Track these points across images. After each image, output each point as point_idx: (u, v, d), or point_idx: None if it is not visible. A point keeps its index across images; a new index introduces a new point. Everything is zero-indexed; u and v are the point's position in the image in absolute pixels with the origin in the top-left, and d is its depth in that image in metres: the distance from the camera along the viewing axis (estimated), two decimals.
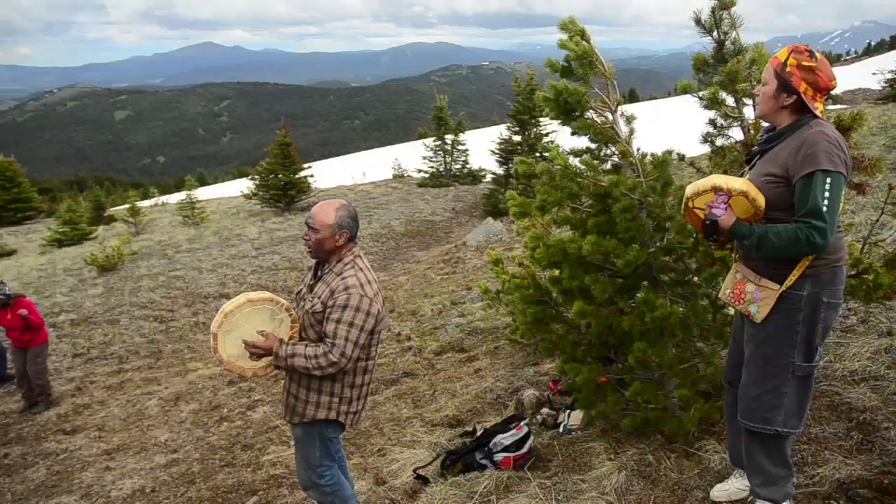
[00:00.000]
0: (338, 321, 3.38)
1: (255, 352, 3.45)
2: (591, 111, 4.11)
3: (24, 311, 9.10)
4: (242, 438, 7.09)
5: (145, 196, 45.65)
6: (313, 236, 3.54)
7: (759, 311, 2.92)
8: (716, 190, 2.89)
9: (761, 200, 2.82)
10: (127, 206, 27.97)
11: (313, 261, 3.73)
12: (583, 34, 4.08)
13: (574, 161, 4.17)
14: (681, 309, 4.03)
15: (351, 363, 3.43)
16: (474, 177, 28.93)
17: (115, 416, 8.87)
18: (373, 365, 3.70)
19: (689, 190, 3.01)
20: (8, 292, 9.24)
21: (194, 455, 6.97)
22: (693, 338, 4.37)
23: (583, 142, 4.30)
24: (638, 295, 4.24)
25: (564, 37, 4.07)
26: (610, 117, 4.10)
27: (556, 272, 4.44)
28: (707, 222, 2.92)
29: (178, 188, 53.36)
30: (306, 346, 3.44)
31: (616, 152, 4.18)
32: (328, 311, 3.43)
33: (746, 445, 3.14)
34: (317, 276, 3.66)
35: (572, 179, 4.03)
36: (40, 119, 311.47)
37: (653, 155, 4.13)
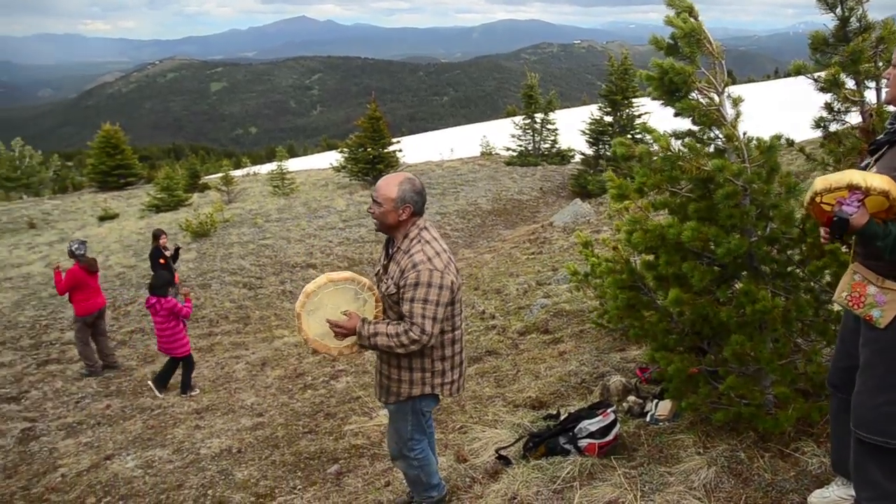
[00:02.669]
0: (412, 300, 3.35)
1: (339, 331, 3.47)
2: (695, 92, 3.94)
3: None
4: (325, 407, 7.22)
5: (237, 166, 47.12)
6: (376, 209, 3.52)
7: (882, 316, 2.67)
8: (851, 188, 2.55)
9: None
10: (220, 174, 28.87)
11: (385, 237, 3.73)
12: (691, 10, 3.90)
13: (675, 144, 4.01)
14: (782, 302, 3.85)
15: (434, 339, 3.41)
16: (563, 157, 28.53)
17: (204, 378, 9.20)
18: (460, 334, 3.66)
19: (819, 184, 2.65)
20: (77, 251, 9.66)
21: (279, 420, 7.15)
22: (793, 333, 4.17)
23: (682, 124, 4.13)
24: (737, 285, 4.07)
25: (671, 13, 3.90)
26: (716, 98, 3.91)
27: (651, 257, 4.31)
28: (835, 219, 2.58)
29: (268, 159, 54.88)
30: (388, 324, 3.43)
31: (720, 136, 3.99)
32: (401, 291, 3.41)
33: (857, 456, 2.89)
34: (389, 255, 3.64)
35: (673, 163, 3.88)
36: (143, 89, 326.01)
37: (758, 139, 3.93)
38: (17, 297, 14.01)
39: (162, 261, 10.92)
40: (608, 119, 23.84)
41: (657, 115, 4.17)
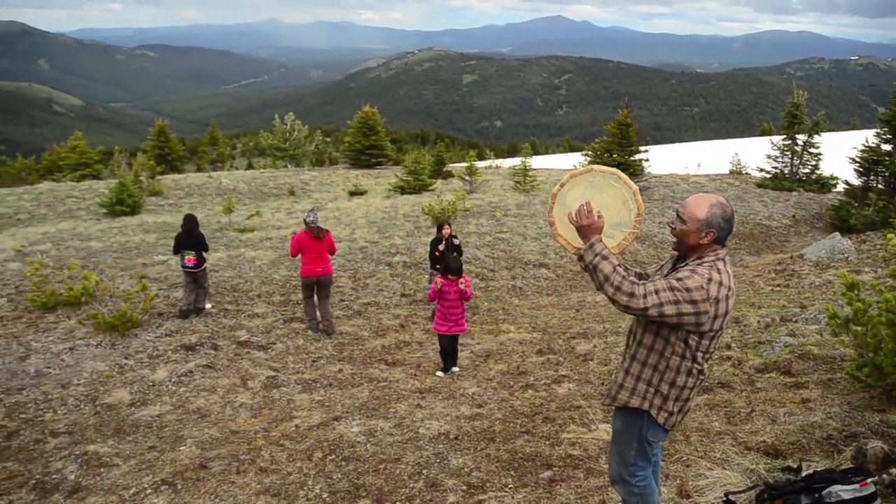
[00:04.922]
0: (667, 279, 3.27)
1: (579, 220, 3.42)
2: None
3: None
4: (545, 410, 7.17)
5: (480, 157, 48.36)
6: (678, 226, 3.38)
7: None
8: None
9: None
10: (465, 164, 29.75)
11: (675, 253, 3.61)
12: None
13: None
14: None
15: (637, 306, 3.17)
16: (823, 184, 26.13)
17: (429, 359, 9.54)
18: (697, 371, 3.43)
19: None
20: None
21: (497, 414, 7.22)
22: None
23: None
24: None
25: None
26: None
27: None
28: None
29: (510, 153, 55.86)
30: (621, 263, 3.35)
31: None
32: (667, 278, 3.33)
33: None
34: (673, 269, 3.49)
35: None
36: (400, 76, 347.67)
37: None
38: (274, 257, 15.42)
39: (437, 253, 11.41)
40: (886, 147, 21.31)
41: None
